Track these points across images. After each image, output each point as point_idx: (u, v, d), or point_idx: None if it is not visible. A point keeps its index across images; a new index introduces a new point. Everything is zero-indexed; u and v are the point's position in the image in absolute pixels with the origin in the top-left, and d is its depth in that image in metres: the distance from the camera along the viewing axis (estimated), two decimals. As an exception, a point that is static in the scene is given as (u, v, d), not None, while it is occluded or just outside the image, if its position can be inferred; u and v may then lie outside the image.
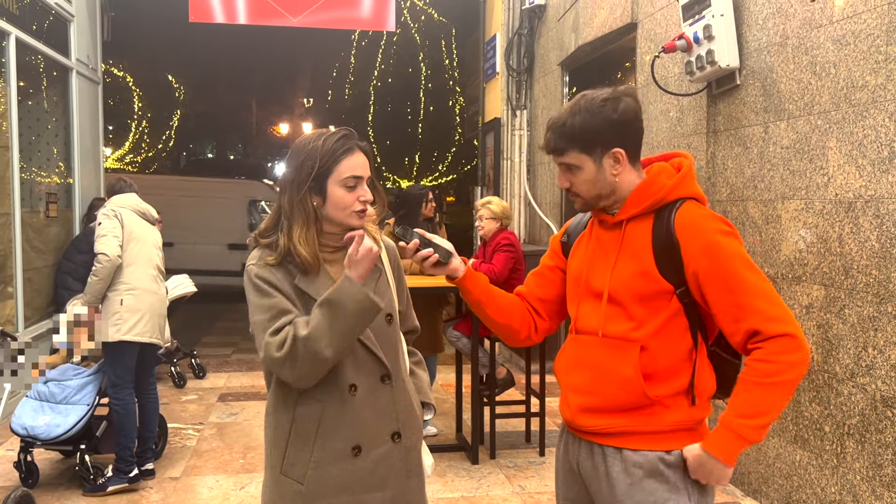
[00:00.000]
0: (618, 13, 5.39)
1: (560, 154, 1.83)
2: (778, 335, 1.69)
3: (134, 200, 4.34)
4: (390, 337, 1.91)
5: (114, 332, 4.02)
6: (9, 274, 5.51)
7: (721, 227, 1.78)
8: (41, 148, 6.51)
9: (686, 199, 1.82)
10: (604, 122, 1.78)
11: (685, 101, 4.56)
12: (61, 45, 6.72)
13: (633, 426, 1.81)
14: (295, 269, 1.82)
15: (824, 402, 3.43)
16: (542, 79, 7.27)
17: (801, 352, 1.70)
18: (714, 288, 1.74)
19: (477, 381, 4.68)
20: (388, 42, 12.51)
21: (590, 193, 1.84)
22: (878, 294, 3.11)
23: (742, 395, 1.73)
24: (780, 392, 1.71)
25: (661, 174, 1.85)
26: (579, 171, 1.82)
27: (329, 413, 1.81)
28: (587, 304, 1.89)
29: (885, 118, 3.07)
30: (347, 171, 1.80)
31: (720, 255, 1.74)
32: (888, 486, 3.06)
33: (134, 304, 4.09)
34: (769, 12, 3.80)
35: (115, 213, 4.15)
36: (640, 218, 1.83)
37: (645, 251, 1.80)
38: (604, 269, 1.86)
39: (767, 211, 3.83)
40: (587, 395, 1.86)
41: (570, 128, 1.79)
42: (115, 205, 4.23)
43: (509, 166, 7.73)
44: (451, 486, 4.23)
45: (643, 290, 1.79)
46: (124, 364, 4.12)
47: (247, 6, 7.33)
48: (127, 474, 4.08)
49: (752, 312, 1.71)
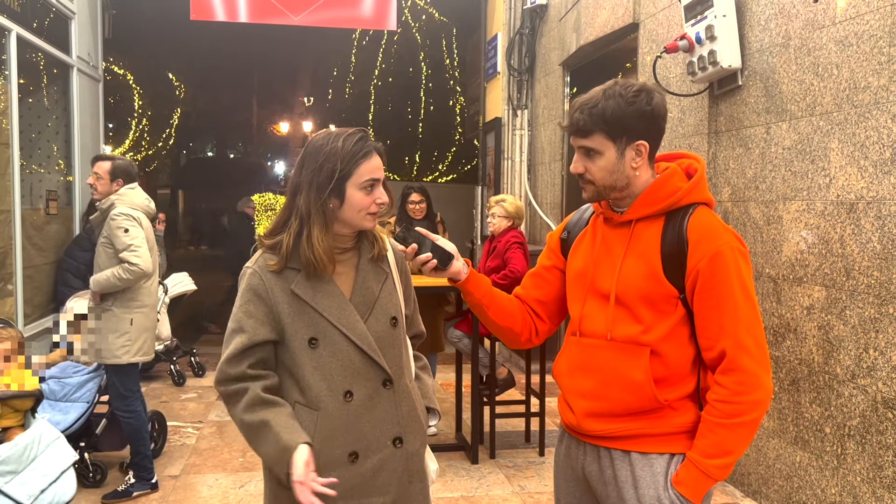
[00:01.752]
0: (619, 13, 5.38)
1: (584, 136, 1.76)
2: (741, 369, 1.70)
3: (143, 198, 4.12)
4: (394, 341, 1.90)
5: (123, 354, 3.93)
6: (9, 271, 5.50)
7: (734, 242, 1.75)
8: (41, 145, 6.50)
9: (699, 205, 1.80)
10: (636, 111, 1.73)
11: (687, 102, 4.56)
12: (62, 42, 6.71)
13: (641, 429, 1.80)
14: (294, 274, 1.81)
15: (825, 404, 3.43)
16: (543, 79, 7.26)
17: (761, 390, 1.71)
18: (704, 298, 1.73)
19: (477, 380, 4.68)
20: (389, 41, 12.50)
21: (604, 182, 1.79)
22: (880, 295, 3.10)
23: (707, 436, 1.73)
24: (743, 431, 1.72)
25: (674, 177, 1.81)
26: (599, 157, 1.77)
27: (324, 421, 1.80)
28: (592, 305, 1.85)
29: (887, 119, 3.06)
30: (367, 174, 1.80)
31: (722, 267, 1.72)
32: (888, 488, 3.05)
33: (143, 322, 4.01)
34: (771, 13, 3.79)
35: (137, 219, 3.93)
36: (650, 219, 1.80)
37: (653, 253, 1.77)
38: (610, 268, 1.82)
39: (769, 212, 3.83)
40: (594, 400, 1.83)
41: (602, 110, 1.73)
42: (130, 206, 3.97)
43: (510, 166, 7.72)
44: (451, 486, 4.23)
45: (650, 292, 1.76)
46: (133, 378, 4.06)
47: (248, 4, 7.33)
48: (149, 480, 4.10)
49: (730, 337, 1.71)
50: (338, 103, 16.13)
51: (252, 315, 1.81)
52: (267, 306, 1.81)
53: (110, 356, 3.92)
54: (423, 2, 10.60)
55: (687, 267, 1.74)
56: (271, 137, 24.47)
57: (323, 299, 1.81)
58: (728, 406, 1.71)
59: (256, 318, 1.81)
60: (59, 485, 3.35)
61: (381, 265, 1.92)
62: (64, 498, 3.37)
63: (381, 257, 1.93)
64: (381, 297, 1.89)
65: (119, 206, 3.94)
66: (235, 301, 1.85)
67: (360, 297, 1.86)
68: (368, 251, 1.90)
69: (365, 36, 12.23)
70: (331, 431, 1.80)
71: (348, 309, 1.82)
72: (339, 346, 1.81)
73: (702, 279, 1.72)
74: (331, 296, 1.82)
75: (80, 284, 5.94)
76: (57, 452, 3.41)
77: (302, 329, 1.81)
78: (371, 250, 1.91)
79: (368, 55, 12.87)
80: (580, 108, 1.77)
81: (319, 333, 1.80)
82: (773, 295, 3.79)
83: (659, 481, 1.78)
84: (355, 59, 13.23)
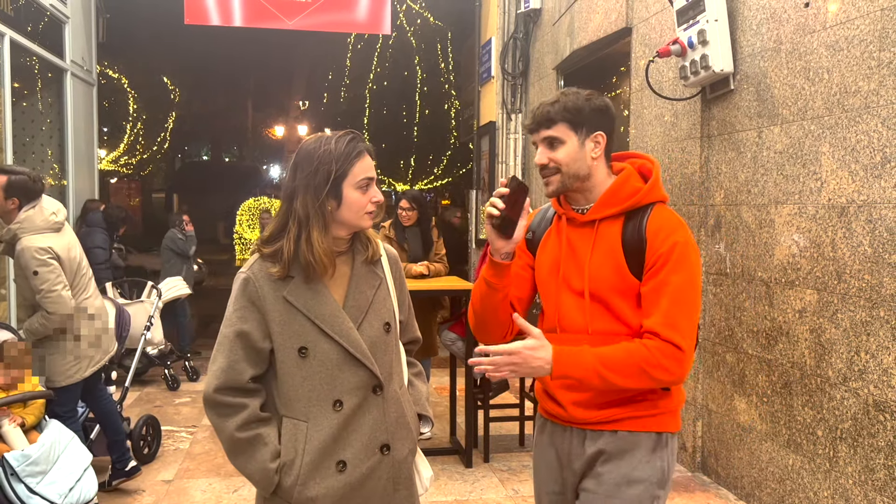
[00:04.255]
0: (612, 18, 5.40)
1: (548, 126, 1.90)
2: (669, 341, 1.78)
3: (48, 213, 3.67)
4: (387, 346, 1.89)
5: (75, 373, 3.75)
6: (1, 275, 5.49)
7: (688, 236, 1.87)
8: (35, 149, 6.50)
9: (656, 203, 1.92)
10: (594, 106, 1.90)
11: (679, 106, 4.57)
12: (56, 46, 6.71)
13: (629, 412, 1.89)
14: (289, 281, 1.80)
15: (817, 407, 3.44)
16: (537, 83, 7.28)
17: (678, 364, 1.78)
18: (650, 279, 1.83)
19: (471, 384, 4.68)
20: (384, 45, 12.52)
21: (569, 169, 1.90)
22: (871, 299, 3.12)
23: (615, 351, 1.79)
24: (635, 377, 1.78)
25: (631, 178, 1.93)
26: (562, 145, 1.89)
27: (313, 431, 1.80)
28: (568, 302, 1.93)
29: (877, 123, 3.08)
30: (361, 173, 1.81)
31: (674, 256, 1.82)
32: (880, 491, 3.06)
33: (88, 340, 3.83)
34: (763, 18, 3.81)
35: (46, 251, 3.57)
36: (611, 219, 1.91)
37: (616, 249, 1.88)
38: (578, 267, 1.92)
39: (761, 215, 3.84)
40: (581, 392, 1.90)
41: (563, 104, 1.89)
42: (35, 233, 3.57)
43: (504, 170, 7.74)
44: (445, 490, 4.23)
45: (619, 285, 1.86)
46: (74, 396, 3.87)
47: (242, 8, 7.33)
48: (124, 468, 4.09)
49: (665, 316, 1.79)
50: (333, 107, 16.14)
51: (246, 319, 1.81)
52: (260, 313, 1.81)
53: (61, 378, 3.71)
54: (417, 6, 10.62)
55: (646, 261, 1.84)
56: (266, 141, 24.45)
57: (316, 306, 1.80)
58: (646, 352, 1.77)
59: (251, 323, 1.81)
60: (83, 482, 3.40)
61: (375, 270, 1.92)
62: (89, 495, 3.41)
63: (375, 261, 1.93)
64: (375, 301, 1.88)
65: (24, 238, 3.55)
66: (227, 307, 1.85)
67: (353, 302, 1.85)
68: (362, 254, 1.90)
69: (360, 40, 12.24)
70: (320, 442, 1.80)
71: (341, 316, 1.81)
72: (329, 355, 1.80)
73: (655, 267, 1.83)
74: (324, 302, 1.81)
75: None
76: (76, 451, 3.46)
77: (291, 339, 1.80)
78: (365, 252, 1.91)
79: (363, 59, 12.89)
80: (541, 105, 1.93)
81: (310, 342, 1.80)
82: (765, 298, 3.80)
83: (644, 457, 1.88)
84: (350, 63, 13.24)
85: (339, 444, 1.81)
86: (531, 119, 1.94)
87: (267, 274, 1.81)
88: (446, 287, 4.88)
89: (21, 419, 3.36)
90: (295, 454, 1.80)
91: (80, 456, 3.47)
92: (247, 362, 1.80)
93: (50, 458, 3.28)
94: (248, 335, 1.80)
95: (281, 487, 1.81)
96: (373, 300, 1.88)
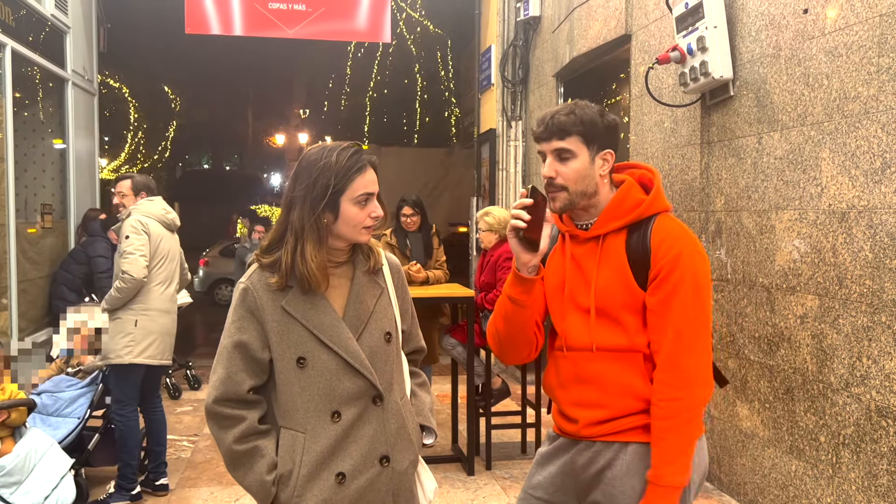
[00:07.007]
0: (612, 25, 5.42)
1: (560, 137, 1.84)
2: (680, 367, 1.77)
3: (161, 208, 4.21)
4: (387, 356, 1.87)
5: (125, 354, 3.94)
6: (3, 285, 5.49)
7: (694, 247, 1.84)
8: (36, 159, 6.51)
9: (659, 213, 1.88)
10: (607, 122, 1.86)
11: (679, 112, 4.58)
12: (57, 56, 6.73)
13: (640, 422, 1.86)
14: (288, 290, 1.79)
15: (819, 412, 3.43)
16: (537, 90, 7.29)
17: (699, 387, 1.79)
18: (656, 293, 1.80)
19: (472, 391, 4.67)
20: (384, 53, 12.54)
21: (576, 187, 1.85)
22: (872, 304, 3.12)
23: (659, 444, 1.79)
24: (689, 429, 1.79)
25: (633, 190, 1.89)
26: (573, 159, 1.84)
27: (310, 442, 1.79)
28: (574, 319, 1.90)
29: (877, 129, 3.09)
30: (361, 188, 1.78)
31: (679, 268, 1.79)
32: (883, 496, 3.05)
33: (148, 325, 4.01)
34: (762, 24, 3.82)
35: (144, 226, 4.02)
36: (615, 233, 1.88)
37: (622, 263, 1.84)
38: (584, 283, 1.88)
39: (761, 221, 3.85)
40: (597, 409, 1.88)
41: (579, 117, 1.83)
42: (143, 214, 4.08)
43: (504, 177, 7.74)
44: (447, 498, 4.22)
45: (627, 299, 1.83)
46: (131, 383, 4.06)
47: (243, 18, 7.35)
48: (129, 491, 4.06)
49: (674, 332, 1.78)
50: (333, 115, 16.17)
51: (245, 330, 1.80)
52: (258, 323, 1.80)
53: (113, 356, 3.96)
54: (417, 14, 10.65)
55: (651, 272, 1.81)
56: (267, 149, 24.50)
57: (314, 316, 1.79)
58: (671, 404, 1.76)
59: (250, 333, 1.80)
60: (60, 490, 3.40)
61: (376, 279, 1.90)
62: (66, 502, 3.40)
63: (377, 271, 1.91)
64: (376, 311, 1.86)
65: (134, 214, 4.12)
66: (227, 317, 1.84)
67: (353, 312, 1.83)
68: (364, 264, 1.88)
69: (360, 48, 12.27)
70: (317, 454, 1.78)
71: (340, 326, 1.80)
72: (328, 365, 1.79)
73: (659, 278, 1.80)
74: (322, 312, 1.80)
75: (75, 298, 5.92)
76: (54, 458, 3.46)
77: (289, 349, 1.79)
78: (366, 263, 1.89)
79: (363, 67, 12.91)
80: (555, 113, 1.85)
81: (308, 353, 1.78)
82: (766, 304, 3.80)
83: None
84: (350, 72, 13.27)
85: (337, 456, 1.79)
86: (543, 127, 1.87)
87: (266, 284, 1.80)
88: (447, 294, 4.88)
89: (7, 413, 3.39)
90: (292, 465, 1.78)
91: (59, 463, 3.46)
92: (246, 373, 1.79)
93: (25, 468, 3.27)
94: (246, 345, 1.79)
95: (278, 499, 1.79)
96: (374, 310, 1.86)
